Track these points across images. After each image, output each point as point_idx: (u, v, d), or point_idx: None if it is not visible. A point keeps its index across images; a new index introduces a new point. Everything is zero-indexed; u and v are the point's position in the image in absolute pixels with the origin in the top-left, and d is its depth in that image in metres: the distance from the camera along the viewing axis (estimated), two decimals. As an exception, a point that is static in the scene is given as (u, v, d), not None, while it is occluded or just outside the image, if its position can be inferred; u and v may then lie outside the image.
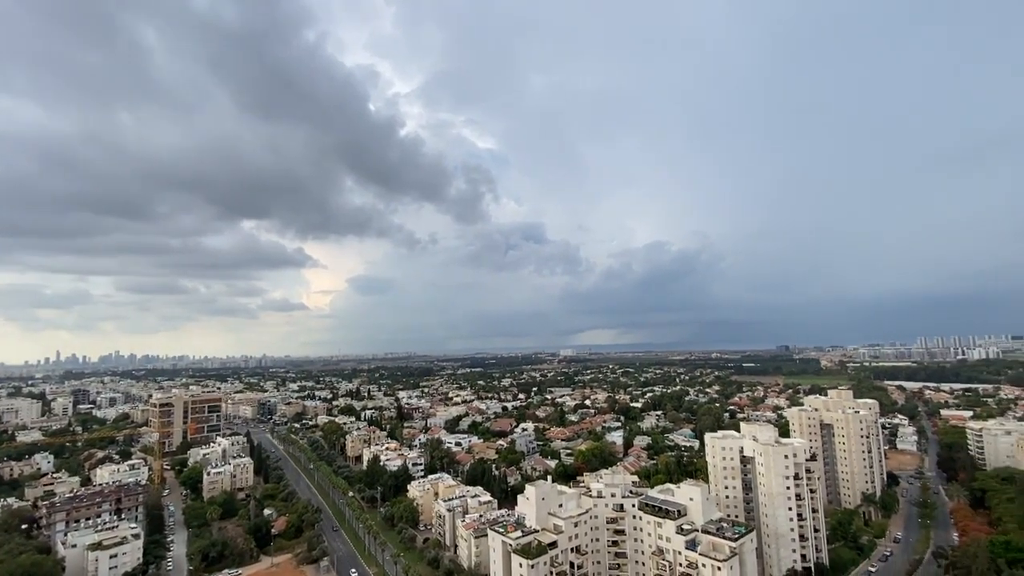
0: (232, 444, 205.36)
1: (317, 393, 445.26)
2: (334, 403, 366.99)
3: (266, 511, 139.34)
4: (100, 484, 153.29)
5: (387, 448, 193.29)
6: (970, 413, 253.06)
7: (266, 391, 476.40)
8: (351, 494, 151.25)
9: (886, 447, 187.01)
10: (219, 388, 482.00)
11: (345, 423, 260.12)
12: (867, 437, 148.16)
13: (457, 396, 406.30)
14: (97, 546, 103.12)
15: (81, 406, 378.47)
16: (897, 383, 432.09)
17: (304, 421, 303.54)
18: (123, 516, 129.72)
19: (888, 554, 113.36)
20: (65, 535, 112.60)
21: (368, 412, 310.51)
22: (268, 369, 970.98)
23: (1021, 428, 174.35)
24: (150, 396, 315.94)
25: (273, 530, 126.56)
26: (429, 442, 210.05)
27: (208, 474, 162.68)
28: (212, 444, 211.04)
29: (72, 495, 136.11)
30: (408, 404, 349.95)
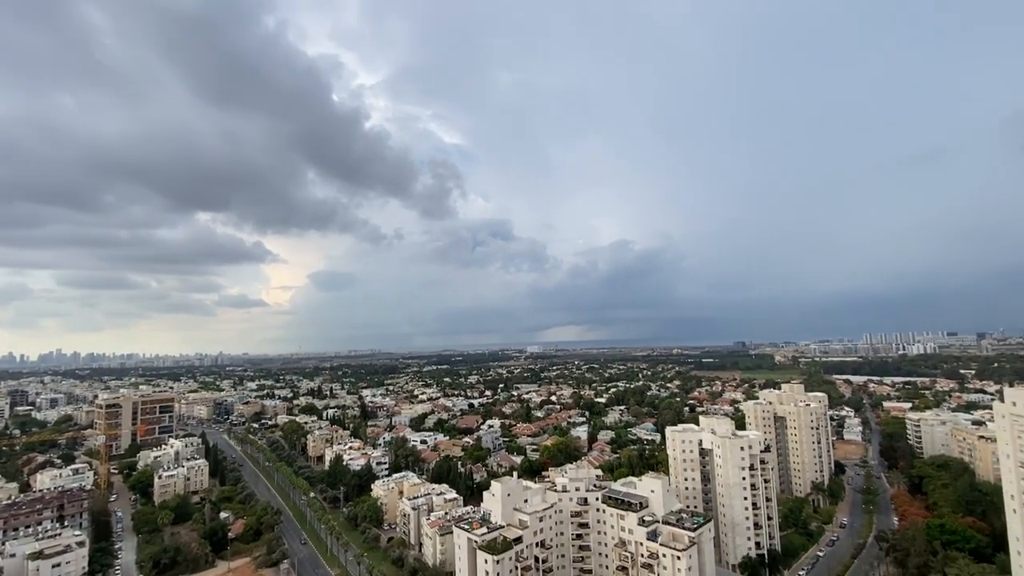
0: (186, 446, 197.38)
1: (277, 392, 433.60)
2: (295, 402, 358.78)
3: (223, 514, 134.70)
4: (41, 490, 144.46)
5: (350, 447, 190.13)
6: (909, 405, 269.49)
7: (222, 390, 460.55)
8: (313, 495, 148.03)
9: (834, 438, 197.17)
10: (172, 388, 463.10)
11: (306, 422, 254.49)
12: (817, 429, 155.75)
13: (423, 394, 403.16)
14: (38, 555, 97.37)
15: (19, 408, 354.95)
16: (844, 377, 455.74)
17: (263, 421, 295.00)
18: (66, 523, 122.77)
19: (835, 539, 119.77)
20: (3, 544, 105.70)
21: (330, 411, 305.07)
22: (225, 368, 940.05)
23: (955, 419, 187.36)
24: (95, 397, 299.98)
25: (230, 534, 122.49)
26: (394, 440, 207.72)
27: (160, 477, 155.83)
28: (164, 446, 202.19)
29: (10, 502, 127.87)
30: (372, 402, 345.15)
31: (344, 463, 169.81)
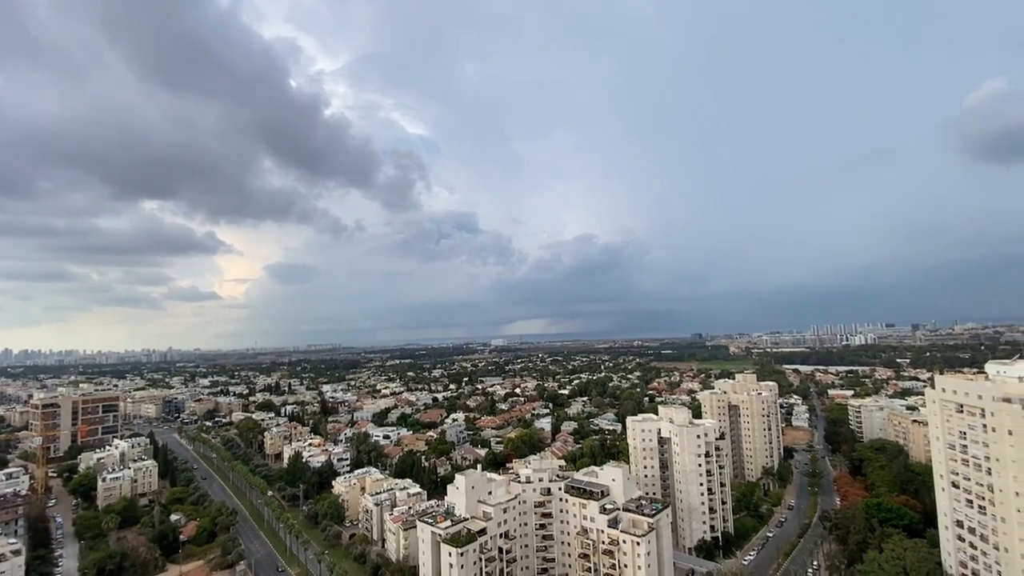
0: (133, 446, 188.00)
1: (231, 389, 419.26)
2: (251, 399, 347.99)
3: (174, 516, 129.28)
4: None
5: (310, 444, 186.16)
6: (852, 392, 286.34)
7: (172, 388, 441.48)
8: (271, 493, 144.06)
9: (783, 424, 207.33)
10: (116, 386, 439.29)
11: (263, 419, 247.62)
12: (768, 416, 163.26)
13: (386, 388, 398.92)
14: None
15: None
16: (794, 367, 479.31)
17: (217, 419, 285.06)
18: (0, 531, 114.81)
19: (783, 520, 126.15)
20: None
21: (289, 407, 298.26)
22: (175, 364, 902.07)
23: (891, 404, 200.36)
24: (30, 396, 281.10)
25: (182, 536, 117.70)
26: (355, 436, 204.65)
27: (104, 480, 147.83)
28: (108, 447, 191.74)
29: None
30: (333, 398, 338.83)
31: (304, 460, 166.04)
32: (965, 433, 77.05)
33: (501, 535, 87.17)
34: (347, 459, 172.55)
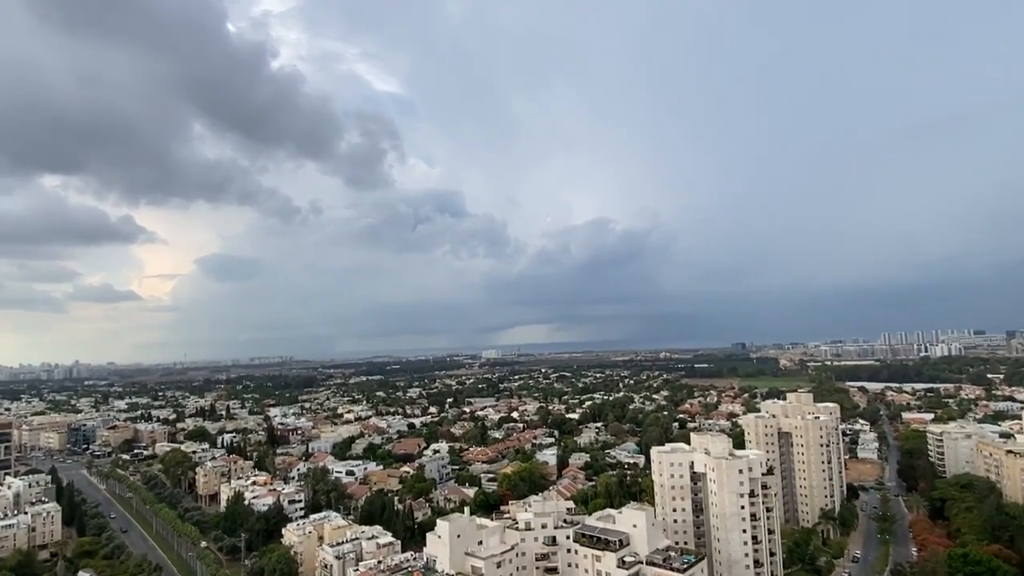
0: (30, 486, 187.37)
1: (155, 413, 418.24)
2: (179, 426, 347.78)
3: (82, 573, 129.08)
4: None
5: (254, 483, 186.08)
6: (931, 416, 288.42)
7: (80, 412, 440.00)
8: (204, 544, 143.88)
9: (846, 456, 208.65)
10: (8, 410, 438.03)
11: (195, 452, 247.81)
12: (827, 446, 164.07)
13: (349, 412, 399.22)
14: None
15: None
16: (859, 384, 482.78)
17: (136, 451, 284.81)
18: None
19: (847, 575, 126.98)
20: None
21: (227, 436, 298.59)
22: (83, 382, 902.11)
23: (981, 431, 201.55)
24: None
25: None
26: (311, 472, 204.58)
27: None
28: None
29: None
30: (283, 424, 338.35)
31: (246, 502, 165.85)
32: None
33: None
34: (301, 501, 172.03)
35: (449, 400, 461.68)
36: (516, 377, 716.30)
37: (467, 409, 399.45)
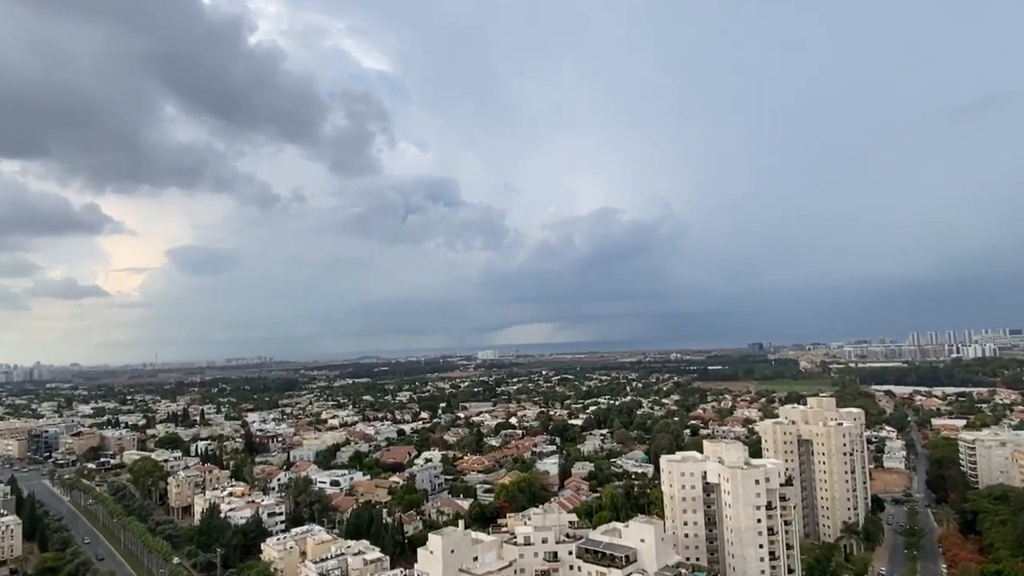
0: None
1: (123, 418, 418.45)
2: (149, 432, 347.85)
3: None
4: None
5: (231, 494, 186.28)
6: (963, 422, 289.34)
7: (42, 417, 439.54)
8: (177, 561, 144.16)
9: (871, 465, 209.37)
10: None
11: (167, 460, 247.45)
12: (851, 454, 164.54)
13: (334, 417, 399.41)
14: None
15: None
16: (886, 388, 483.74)
17: (104, 460, 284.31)
18: None
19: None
20: None
21: (202, 444, 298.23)
22: (45, 384, 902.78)
23: (1017, 438, 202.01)
24: None
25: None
26: (293, 483, 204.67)
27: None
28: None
29: None
30: (262, 430, 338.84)
31: (222, 515, 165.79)
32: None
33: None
34: (281, 514, 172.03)
35: (442, 405, 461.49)
36: (515, 380, 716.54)
37: (461, 414, 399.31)
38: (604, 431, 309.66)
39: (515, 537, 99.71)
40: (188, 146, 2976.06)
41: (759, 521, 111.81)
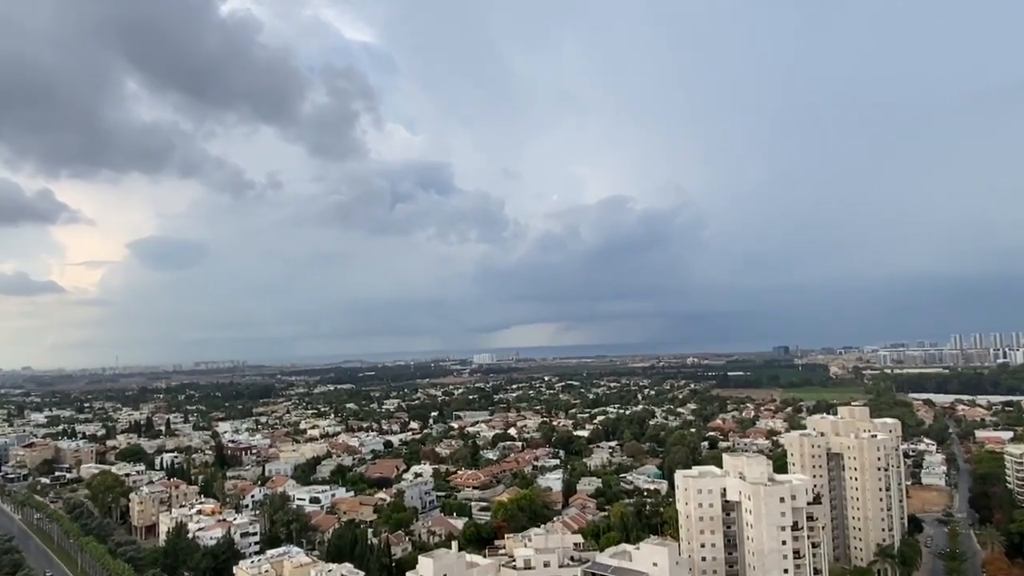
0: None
1: (80, 428, 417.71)
2: (110, 443, 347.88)
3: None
4: None
5: (200, 511, 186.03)
6: (1010, 434, 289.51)
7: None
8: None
9: (908, 482, 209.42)
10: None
11: (129, 475, 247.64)
12: (886, 470, 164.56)
13: (314, 427, 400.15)
14: None
15: None
16: (924, 396, 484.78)
17: (59, 474, 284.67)
18: None
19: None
20: None
21: (167, 456, 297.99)
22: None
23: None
24: None
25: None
26: (268, 499, 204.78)
27: None
28: None
29: None
30: (234, 442, 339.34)
31: (190, 535, 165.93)
32: None
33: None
34: (255, 534, 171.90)
35: (434, 414, 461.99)
36: (514, 386, 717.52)
37: (455, 425, 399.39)
38: (613, 443, 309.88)
39: (514, 560, 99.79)
40: (152, 126, 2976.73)
41: (784, 543, 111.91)
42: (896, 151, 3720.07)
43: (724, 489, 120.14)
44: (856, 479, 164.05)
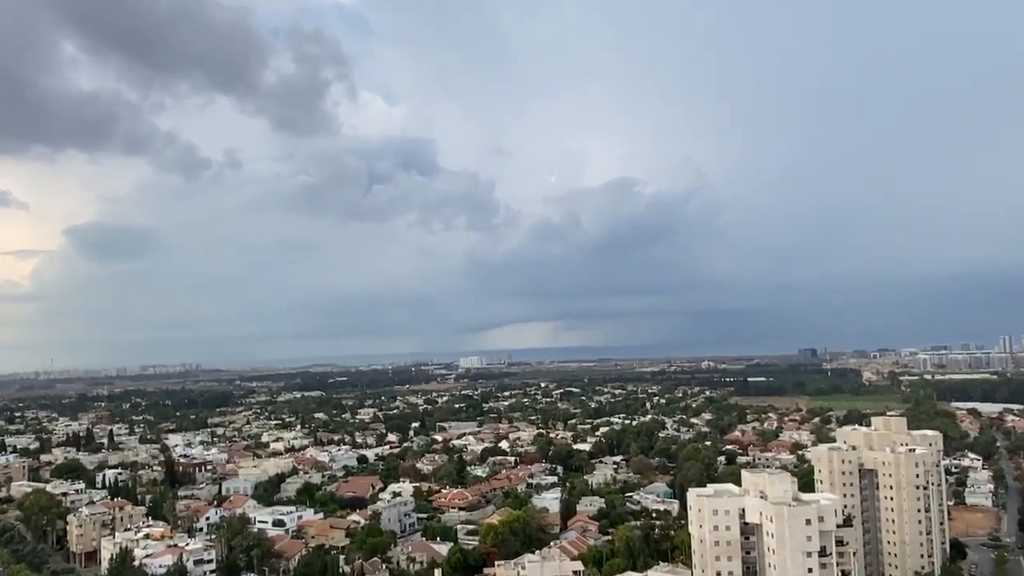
0: None
1: (11, 441, 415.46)
2: (44, 458, 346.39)
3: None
4: None
5: (147, 536, 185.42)
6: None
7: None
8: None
9: (951, 501, 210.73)
10: None
11: (66, 494, 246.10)
12: (925, 488, 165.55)
13: (278, 440, 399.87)
14: None
15: None
16: (969, 405, 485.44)
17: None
18: None
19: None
20: None
21: (111, 473, 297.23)
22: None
23: None
24: None
25: None
26: (226, 522, 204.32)
27: None
28: None
29: None
30: (187, 456, 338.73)
31: (136, 563, 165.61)
32: None
33: None
34: (211, 561, 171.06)
35: (415, 425, 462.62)
36: (506, 394, 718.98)
37: (439, 437, 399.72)
38: (618, 458, 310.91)
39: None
40: (92, 96, 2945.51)
41: (810, 571, 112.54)
42: (941, 132, 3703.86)
43: (743, 510, 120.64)
44: (892, 499, 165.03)
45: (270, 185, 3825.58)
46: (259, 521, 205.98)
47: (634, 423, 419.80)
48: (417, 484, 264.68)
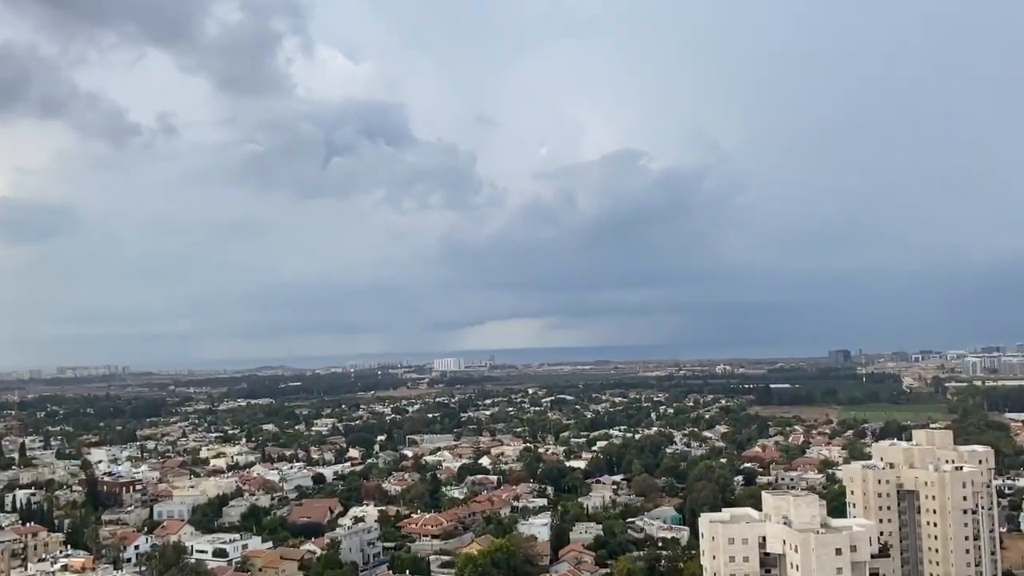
0: None
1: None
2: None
3: None
4: None
5: (65, 567, 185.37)
6: None
7: None
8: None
9: (1003, 528, 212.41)
10: None
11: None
12: (974, 512, 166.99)
13: (219, 456, 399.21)
14: None
15: None
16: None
17: None
18: None
19: None
20: None
21: (22, 494, 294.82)
22: None
23: None
24: None
25: None
26: (158, 552, 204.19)
27: None
28: None
29: None
30: (112, 474, 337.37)
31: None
32: None
33: None
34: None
35: (380, 438, 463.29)
36: (488, 401, 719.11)
37: (409, 452, 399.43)
38: (618, 478, 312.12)
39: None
40: (2, 49, 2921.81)
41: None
42: (990, 106, 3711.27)
43: (763, 538, 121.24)
44: (935, 524, 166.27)
45: (211, 155, 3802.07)
46: (197, 551, 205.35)
47: (637, 437, 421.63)
48: (383, 508, 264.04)
